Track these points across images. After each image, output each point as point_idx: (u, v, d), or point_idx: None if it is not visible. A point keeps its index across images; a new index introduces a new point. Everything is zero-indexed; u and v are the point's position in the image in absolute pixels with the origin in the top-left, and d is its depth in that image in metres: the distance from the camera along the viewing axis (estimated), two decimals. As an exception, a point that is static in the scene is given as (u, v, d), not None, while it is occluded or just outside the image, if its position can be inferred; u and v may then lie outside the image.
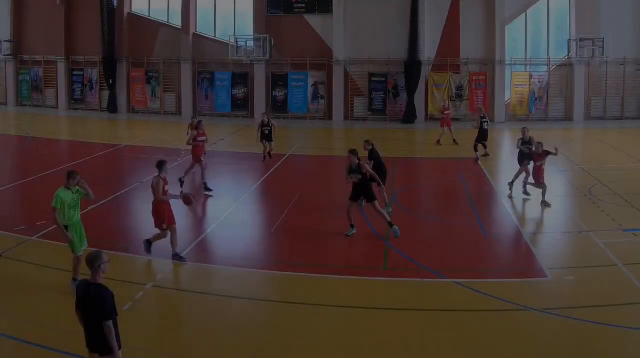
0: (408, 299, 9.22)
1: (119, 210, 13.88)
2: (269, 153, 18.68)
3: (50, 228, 10.50)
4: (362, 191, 11.88)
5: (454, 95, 28.64)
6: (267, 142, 18.42)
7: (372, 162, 13.20)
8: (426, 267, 10.39)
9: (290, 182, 17.33)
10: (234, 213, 13.65)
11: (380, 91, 28.82)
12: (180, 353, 7.54)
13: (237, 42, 28.62)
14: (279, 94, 29.06)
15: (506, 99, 28.91)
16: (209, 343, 7.69)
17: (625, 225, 12.40)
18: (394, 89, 28.76)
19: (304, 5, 29.02)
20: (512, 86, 28.85)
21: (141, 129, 26.40)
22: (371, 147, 13.65)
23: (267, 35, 28.52)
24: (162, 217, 10.13)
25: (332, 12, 28.57)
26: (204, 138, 15.28)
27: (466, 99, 28.66)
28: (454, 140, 22.05)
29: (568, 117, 28.78)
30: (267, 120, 18.30)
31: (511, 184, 14.86)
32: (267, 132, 18.20)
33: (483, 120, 19.48)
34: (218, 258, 10.94)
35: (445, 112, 22.85)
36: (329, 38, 28.77)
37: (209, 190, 14.93)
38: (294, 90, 28.93)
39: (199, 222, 13.56)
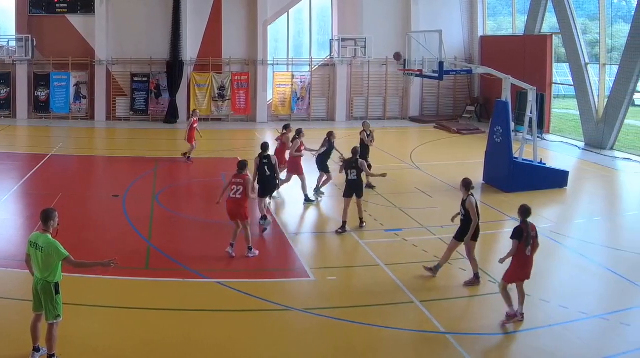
0: (170, 299, 9.20)
1: None
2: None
3: None
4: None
5: (216, 95, 28.57)
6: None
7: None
8: (187, 266, 10.35)
9: (52, 182, 17.03)
10: None
11: (143, 91, 28.57)
12: None
13: (-2, 42, 28.28)
14: (41, 94, 28.64)
15: (268, 99, 28.89)
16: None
17: (386, 225, 12.45)
18: (156, 89, 28.56)
19: (66, 5, 28.67)
20: (274, 86, 28.86)
21: None
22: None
23: (30, 35, 28.12)
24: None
25: (94, 12, 28.32)
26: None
27: (228, 99, 28.61)
28: (189, 157, 19.18)
29: (330, 117, 28.93)
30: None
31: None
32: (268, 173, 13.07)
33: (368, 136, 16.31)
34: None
35: (195, 125, 19.37)
36: (91, 38, 28.41)
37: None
38: (56, 90, 28.49)
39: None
